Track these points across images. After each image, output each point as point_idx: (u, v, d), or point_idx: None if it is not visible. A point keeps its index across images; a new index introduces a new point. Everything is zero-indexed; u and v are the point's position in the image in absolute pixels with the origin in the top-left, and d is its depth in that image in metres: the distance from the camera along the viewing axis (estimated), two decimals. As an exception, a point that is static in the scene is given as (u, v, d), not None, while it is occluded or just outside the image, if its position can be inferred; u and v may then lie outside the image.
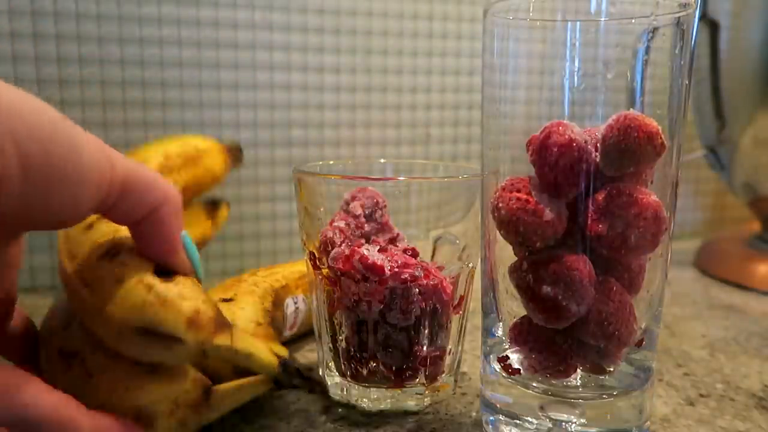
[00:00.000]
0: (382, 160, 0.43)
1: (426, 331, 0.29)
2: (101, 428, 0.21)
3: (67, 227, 0.22)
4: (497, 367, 0.27)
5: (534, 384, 0.26)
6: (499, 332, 0.28)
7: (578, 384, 0.26)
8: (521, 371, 0.26)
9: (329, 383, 0.31)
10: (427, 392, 0.30)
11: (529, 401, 0.26)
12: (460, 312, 0.31)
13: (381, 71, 0.57)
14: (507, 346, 0.27)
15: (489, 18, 0.26)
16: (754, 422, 0.30)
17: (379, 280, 0.27)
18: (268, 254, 0.56)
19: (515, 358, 0.27)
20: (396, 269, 0.27)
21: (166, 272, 0.23)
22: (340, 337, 0.30)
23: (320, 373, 0.32)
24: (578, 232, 0.24)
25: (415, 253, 0.29)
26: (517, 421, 0.26)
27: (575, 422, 0.25)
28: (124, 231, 0.24)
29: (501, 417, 0.27)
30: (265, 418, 0.29)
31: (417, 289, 0.28)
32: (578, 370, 0.25)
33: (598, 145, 0.23)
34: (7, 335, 0.26)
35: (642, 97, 0.25)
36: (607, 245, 0.23)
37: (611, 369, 0.25)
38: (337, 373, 0.31)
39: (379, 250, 0.28)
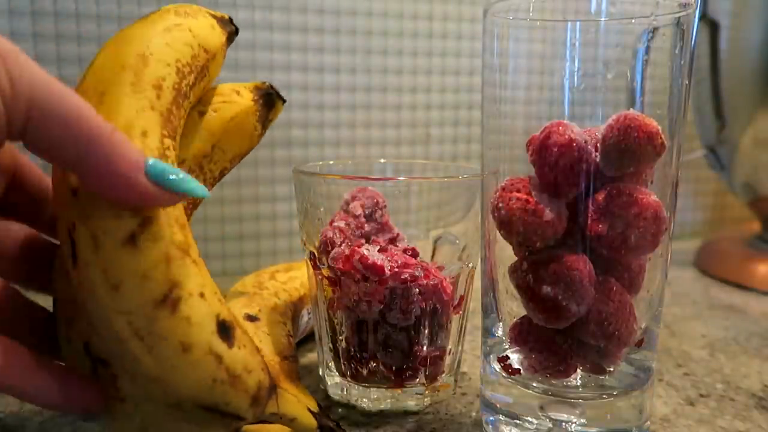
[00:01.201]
0: (382, 160, 0.43)
1: (426, 331, 0.29)
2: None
3: None
4: (497, 367, 0.27)
5: (534, 384, 0.26)
6: (499, 332, 0.28)
7: (578, 384, 0.26)
8: (521, 371, 0.26)
9: (329, 383, 0.31)
10: (427, 392, 0.30)
11: (529, 401, 0.26)
12: (460, 312, 0.31)
13: (381, 71, 0.57)
14: (507, 346, 0.27)
15: (489, 18, 0.26)
16: (754, 422, 0.30)
17: (379, 280, 0.27)
18: (268, 254, 0.56)
19: (515, 358, 0.27)
20: (396, 269, 0.27)
21: (224, 325, 0.21)
22: (340, 337, 0.30)
23: (320, 373, 0.32)
24: (578, 232, 0.24)
25: (415, 253, 0.29)
26: (517, 421, 0.26)
27: (575, 422, 0.25)
28: (177, 260, 0.20)
29: (501, 417, 0.27)
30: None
31: (417, 289, 0.28)
32: (578, 370, 0.25)
33: (598, 145, 0.23)
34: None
35: (642, 97, 0.25)
36: (607, 245, 0.23)
37: (611, 369, 0.25)
38: (337, 373, 0.31)
39: (379, 250, 0.28)
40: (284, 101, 0.31)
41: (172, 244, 0.20)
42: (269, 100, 0.30)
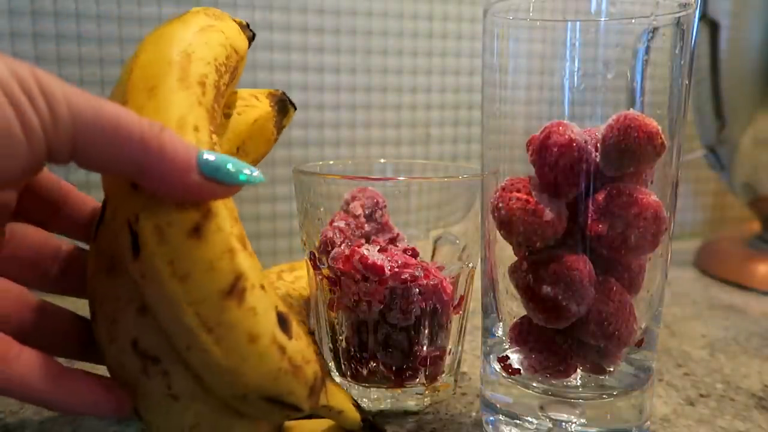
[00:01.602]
0: (382, 160, 0.43)
1: (426, 331, 0.29)
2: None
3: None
4: (497, 367, 0.27)
5: (534, 384, 0.26)
6: (499, 332, 0.28)
7: (578, 384, 0.26)
8: (521, 371, 0.26)
9: (329, 383, 0.31)
10: (427, 392, 0.30)
11: (529, 401, 0.26)
12: (460, 312, 0.31)
13: (381, 71, 0.57)
14: (507, 346, 0.27)
15: (489, 18, 0.26)
16: (754, 422, 0.30)
17: (379, 280, 0.27)
18: (268, 254, 0.56)
19: (515, 358, 0.27)
20: (396, 269, 0.27)
21: (282, 317, 0.21)
22: (340, 337, 0.30)
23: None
24: (578, 232, 0.24)
25: (415, 253, 0.29)
26: (517, 421, 0.26)
27: (575, 422, 0.25)
28: (239, 251, 0.20)
29: (501, 417, 0.27)
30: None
31: (417, 289, 0.28)
32: (578, 370, 0.25)
33: (598, 145, 0.23)
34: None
35: (642, 97, 0.25)
36: (607, 245, 0.23)
37: (611, 369, 0.25)
38: (337, 373, 0.31)
39: (379, 250, 0.28)
40: (295, 108, 0.32)
41: (233, 235, 0.20)
42: (283, 106, 0.31)
